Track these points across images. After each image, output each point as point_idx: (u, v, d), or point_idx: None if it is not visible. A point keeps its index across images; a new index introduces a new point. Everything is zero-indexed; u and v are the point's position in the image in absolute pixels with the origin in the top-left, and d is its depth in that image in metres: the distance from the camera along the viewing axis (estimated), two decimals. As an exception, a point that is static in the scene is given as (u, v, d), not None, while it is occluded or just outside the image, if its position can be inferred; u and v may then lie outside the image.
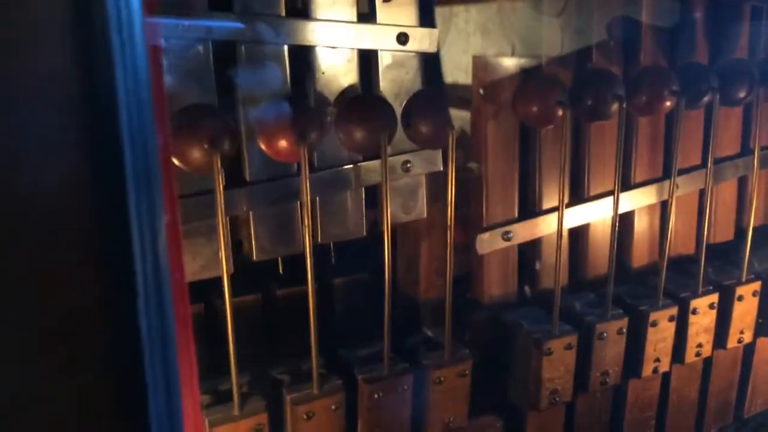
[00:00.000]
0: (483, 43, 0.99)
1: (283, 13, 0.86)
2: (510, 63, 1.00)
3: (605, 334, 1.02)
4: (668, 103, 0.99)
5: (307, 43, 0.88)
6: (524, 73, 0.99)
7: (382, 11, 0.92)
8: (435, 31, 0.95)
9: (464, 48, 0.98)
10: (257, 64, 0.86)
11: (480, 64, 0.98)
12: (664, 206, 1.20)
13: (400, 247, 1.13)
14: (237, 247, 0.94)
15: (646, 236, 1.19)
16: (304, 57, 0.89)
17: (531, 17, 1.02)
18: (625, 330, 1.04)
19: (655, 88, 0.99)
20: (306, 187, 0.79)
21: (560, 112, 0.92)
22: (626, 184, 1.16)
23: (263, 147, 0.79)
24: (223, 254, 0.77)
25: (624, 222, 1.18)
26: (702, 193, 1.23)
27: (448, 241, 0.90)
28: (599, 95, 0.96)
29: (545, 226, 1.08)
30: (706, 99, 1.02)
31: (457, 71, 1.00)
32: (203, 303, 1.01)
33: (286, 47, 0.87)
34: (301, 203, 0.83)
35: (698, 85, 1.01)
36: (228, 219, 0.88)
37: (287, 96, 0.85)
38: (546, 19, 1.03)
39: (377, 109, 0.82)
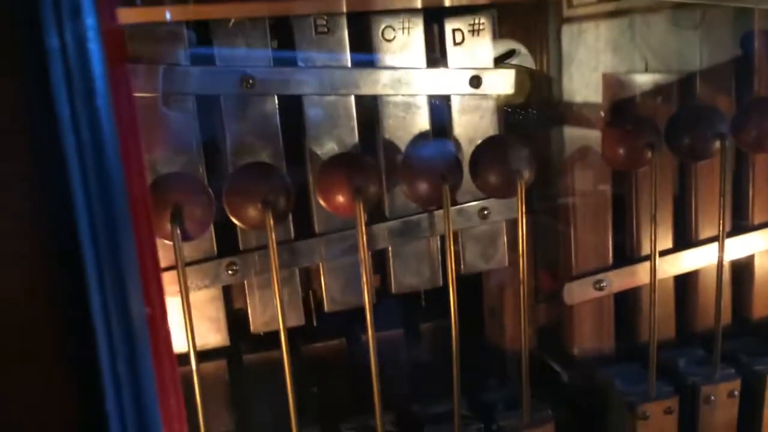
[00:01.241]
0: (614, 60, 0.93)
1: (349, 64, 0.85)
2: (643, 79, 0.94)
3: (713, 398, 0.91)
4: (785, 140, 0.88)
5: (375, 93, 0.87)
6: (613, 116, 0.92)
7: (453, 54, 0.89)
8: (510, 72, 0.90)
9: (594, 66, 0.93)
10: (323, 117, 0.85)
11: (611, 82, 0.92)
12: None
13: (486, 292, 1.07)
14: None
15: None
16: (372, 105, 0.88)
17: (666, 30, 0.95)
18: (737, 393, 0.92)
19: (764, 123, 0.87)
20: (363, 243, 0.77)
21: (649, 155, 0.84)
22: (742, 226, 1.04)
23: (322, 203, 0.78)
24: (279, 310, 0.76)
25: (742, 268, 1.05)
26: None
27: (522, 297, 0.84)
28: (697, 134, 0.87)
29: (645, 274, 0.99)
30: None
31: (586, 90, 0.95)
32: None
33: (352, 97, 0.86)
34: (362, 257, 0.80)
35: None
36: (297, 270, 0.89)
37: (345, 150, 0.83)
38: (682, 32, 0.95)
39: (439, 160, 0.78)
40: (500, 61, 0.94)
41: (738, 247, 1.03)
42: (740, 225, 1.04)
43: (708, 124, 0.86)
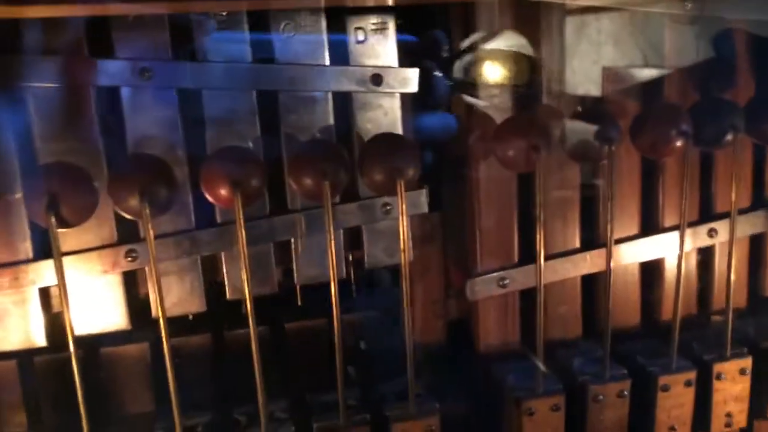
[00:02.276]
0: (614, 54, 0.94)
1: (250, 59, 0.87)
2: (641, 74, 0.96)
3: (602, 397, 0.93)
4: (678, 144, 0.89)
5: (275, 88, 0.89)
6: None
7: (355, 52, 0.91)
8: (414, 71, 0.92)
9: (595, 59, 0.94)
10: (223, 111, 0.88)
11: (610, 76, 0.94)
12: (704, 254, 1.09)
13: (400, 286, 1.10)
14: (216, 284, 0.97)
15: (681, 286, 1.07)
16: (274, 101, 0.90)
17: (663, 26, 0.96)
18: (627, 393, 0.94)
19: (661, 129, 0.89)
20: (241, 234, 0.79)
21: (535, 157, 0.85)
22: (652, 228, 1.05)
23: (205, 193, 0.80)
24: (156, 299, 0.79)
25: (652, 270, 1.07)
26: (757, 239, 1.10)
27: (404, 295, 0.86)
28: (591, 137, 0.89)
29: (550, 272, 1.01)
30: (728, 138, 0.90)
31: (587, 83, 0.97)
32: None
33: (254, 92, 0.88)
34: (241, 250, 0.82)
35: (719, 124, 0.90)
36: (199, 258, 0.91)
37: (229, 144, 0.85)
38: (679, 27, 0.96)
39: (321, 156, 0.81)
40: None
41: (649, 249, 1.05)
42: (649, 227, 1.05)
43: (599, 131, 0.88)
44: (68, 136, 0.82)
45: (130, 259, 0.87)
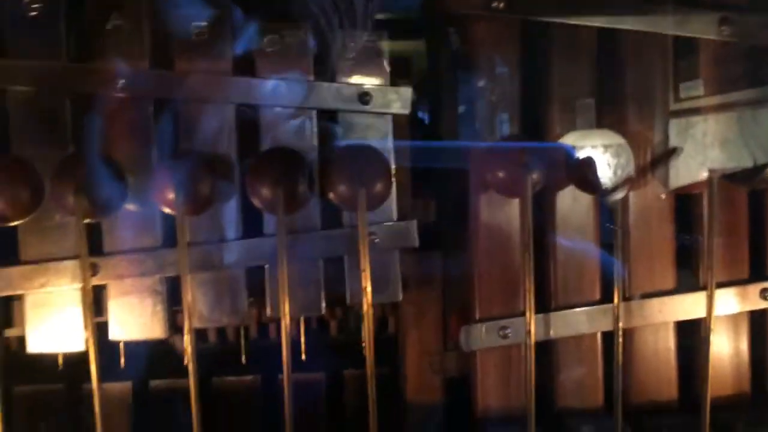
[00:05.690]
0: (721, 156, 0.88)
1: (230, 70, 0.83)
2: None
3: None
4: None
5: (255, 102, 0.84)
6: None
7: (343, 68, 0.85)
8: (406, 90, 0.84)
9: (701, 161, 0.88)
10: (199, 123, 0.83)
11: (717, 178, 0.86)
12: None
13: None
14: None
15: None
16: (254, 116, 0.85)
17: None
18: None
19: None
20: (183, 254, 0.72)
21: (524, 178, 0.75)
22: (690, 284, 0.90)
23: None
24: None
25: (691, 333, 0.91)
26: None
27: (366, 339, 0.75)
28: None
29: (561, 325, 0.87)
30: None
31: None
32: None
33: (232, 106, 0.84)
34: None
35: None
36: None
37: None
38: None
39: (277, 164, 0.73)
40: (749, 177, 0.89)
41: (692, 308, 0.89)
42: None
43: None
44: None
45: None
